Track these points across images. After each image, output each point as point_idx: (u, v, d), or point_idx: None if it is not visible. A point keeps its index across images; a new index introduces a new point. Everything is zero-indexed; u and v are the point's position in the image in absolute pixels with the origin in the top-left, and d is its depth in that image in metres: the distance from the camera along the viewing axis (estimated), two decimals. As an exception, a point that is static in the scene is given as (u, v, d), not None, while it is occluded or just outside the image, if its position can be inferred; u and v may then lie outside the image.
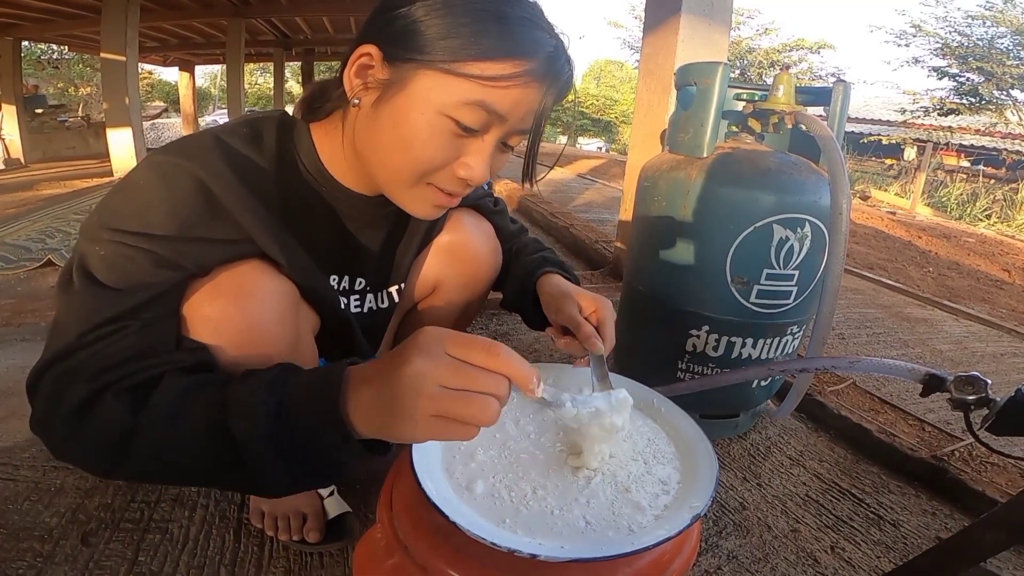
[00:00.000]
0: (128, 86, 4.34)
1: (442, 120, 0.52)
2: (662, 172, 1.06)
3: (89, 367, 0.47)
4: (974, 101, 10.99)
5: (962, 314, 2.45)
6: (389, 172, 0.57)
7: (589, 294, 0.72)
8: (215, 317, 0.53)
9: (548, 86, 0.54)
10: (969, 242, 5.08)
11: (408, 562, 0.49)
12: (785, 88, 0.98)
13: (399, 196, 0.60)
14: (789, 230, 0.92)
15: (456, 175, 0.56)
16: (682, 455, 0.57)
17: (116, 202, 0.52)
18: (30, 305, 1.56)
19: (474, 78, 0.50)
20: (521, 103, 0.53)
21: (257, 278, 0.56)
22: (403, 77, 0.52)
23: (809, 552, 0.88)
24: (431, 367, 0.39)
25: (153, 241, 0.50)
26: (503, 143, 0.57)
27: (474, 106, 0.51)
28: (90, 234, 0.51)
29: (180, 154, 0.53)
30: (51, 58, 12.57)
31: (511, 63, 0.51)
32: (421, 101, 0.52)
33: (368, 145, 0.57)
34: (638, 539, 0.44)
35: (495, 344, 0.41)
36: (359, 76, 0.55)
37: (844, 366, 0.68)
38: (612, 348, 0.67)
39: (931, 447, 1.12)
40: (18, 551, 0.73)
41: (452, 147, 0.54)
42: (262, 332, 0.55)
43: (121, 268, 0.49)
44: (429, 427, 0.40)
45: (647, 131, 1.93)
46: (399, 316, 0.91)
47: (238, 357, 0.54)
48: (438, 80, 0.51)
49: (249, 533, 0.80)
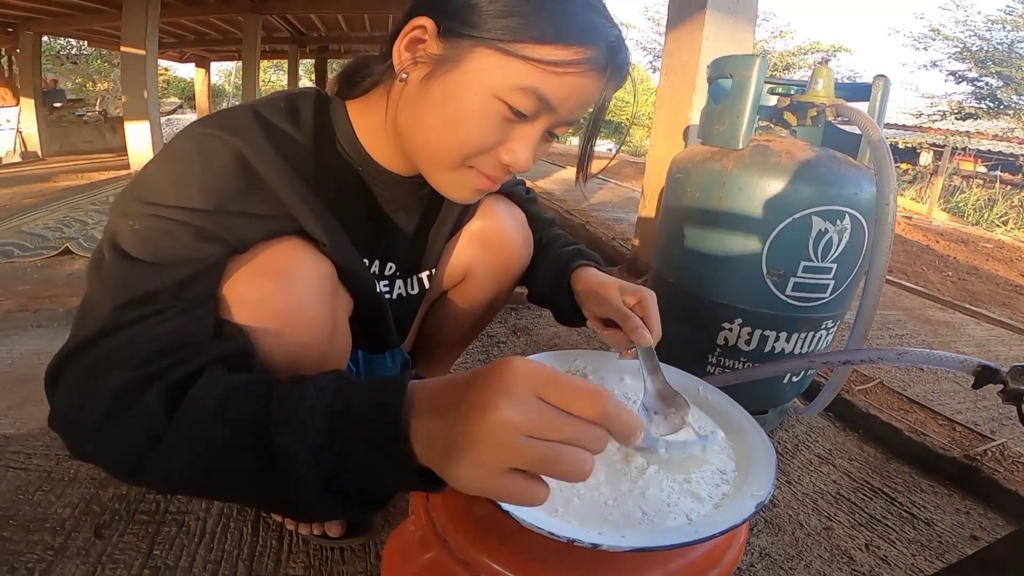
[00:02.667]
0: (147, 80, 4.37)
1: (494, 103, 0.50)
2: (696, 163, 1.04)
3: (129, 353, 0.43)
4: (992, 106, 10.87)
5: (984, 318, 2.41)
6: (432, 152, 0.55)
7: (631, 285, 0.69)
8: (253, 298, 0.50)
9: (608, 77, 0.52)
10: (987, 247, 5.02)
11: (447, 557, 0.47)
12: (825, 81, 0.96)
13: (439, 178, 0.58)
14: (828, 222, 0.89)
15: (500, 160, 0.55)
16: (735, 444, 0.55)
17: (152, 175, 0.49)
18: (47, 291, 1.56)
19: (532, 61, 0.49)
20: (575, 93, 0.52)
21: (298, 257, 0.54)
22: (458, 54, 0.50)
23: (843, 550, 0.86)
24: (520, 417, 0.32)
25: (192, 214, 0.47)
26: (549, 132, 0.56)
27: (528, 92, 0.50)
28: (123, 208, 0.48)
29: (219, 126, 0.51)
30: (70, 53, 12.70)
31: (571, 49, 0.49)
32: (475, 80, 0.50)
33: (413, 123, 0.55)
34: (701, 527, 0.42)
35: (600, 392, 0.34)
36: (409, 50, 0.52)
37: (891, 358, 0.66)
38: (659, 339, 0.65)
39: (963, 447, 1.10)
40: (28, 543, 0.71)
41: (500, 131, 0.53)
42: (302, 314, 0.53)
43: (157, 242, 0.46)
44: (505, 484, 0.33)
45: (669, 127, 1.92)
46: (427, 304, 0.88)
47: (278, 341, 0.51)
48: (494, 60, 0.49)
49: (268, 527, 0.78)
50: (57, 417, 0.44)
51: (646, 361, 0.61)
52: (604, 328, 0.69)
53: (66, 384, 0.44)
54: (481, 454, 0.33)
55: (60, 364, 0.44)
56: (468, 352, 1.41)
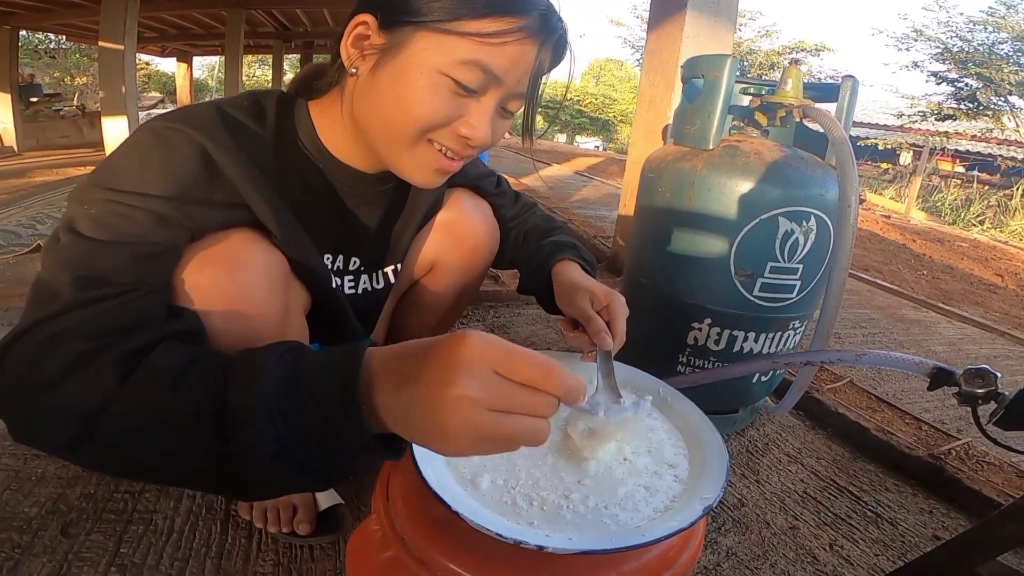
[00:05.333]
0: (125, 75, 4.31)
1: (441, 79, 0.53)
2: (667, 163, 1.05)
3: (84, 330, 0.43)
4: (972, 107, 11.05)
5: (956, 316, 2.46)
6: (389, 134, 0.57)
7: (602, 288, 0.71)
8: (204, 284, 0.51)
9: (542, 43, 0.55)
10: (963, 247, 5.12)
11: (405, 555, 0.47)
12: (794, 82, 0.97)
13: (399, 160, 0.59)
14: (794, 223, 0.91)
15: (458, 133, 0.56)
16: (691, 446, 0.56)
17: (111, 164, 0.50)
18: (18, 290, 1.53)
19: (470, 36, 0.51)
20: (518, 62, 0.54)
21: (247, 246, 0.55)
22: (400, 41, 0.53)
23: (808, 549, 0.87)
24: (479, 392, 0.35)
25: (150, 200, 0.48)
26: (503, 108, 0.58)
27: (471, 65, 0.52)
28: (81, 196, 0.49)
29: (181, 120, 0.52)
30: (48, 47, 12.45)
31: (505, 20, 0.52)
32: (419, 61, 0.52)
33: (368, 111, 0.57)
34: (648, 531, 0.42)
35: (551, 363, 0.37)
36: (355, 46, 0.55)
37: (850, 359, 0.67)
38: (622, 345, 0.66)
39: (928, 446, 1.12)
40: None
41: (452, 105, 0.55)
42: (252, 301, 0.54)
43: (115, 225, 0.47)
44: (471, 448, 0.36)
45: (649, 127, 1.93)
46: (396, 296, 0.90)
47: (227, 327, 0.52)
48: (435, 39, 0.52)
49: (237, 525, 0.78)
50: (3, 394, 0.44)
51: (602, 363, 0.62)
52: (571, 329, 0.71)
53: (16, 360, 0.43)
54: (448, 431, 0.35)
55: (12, 343, 0.44)
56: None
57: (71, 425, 0.41)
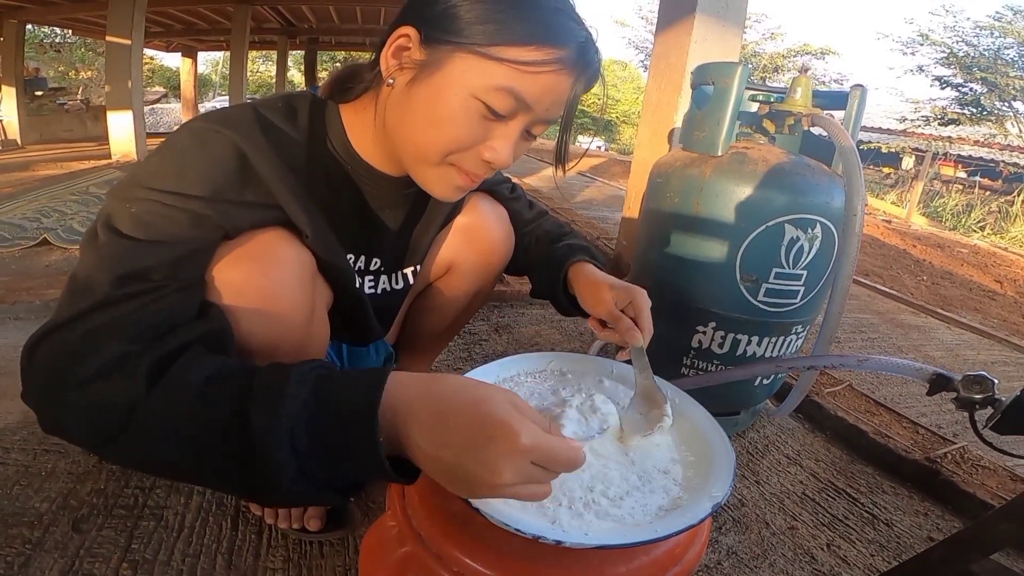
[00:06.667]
0: (132, 70, 4.30)
1: (473, 103, 0.54)
2: (675, 169, 1.06)
3: (122, 327, 0.44)
4: (975, 112, 11.02)
5: (954, 322, 2.48)
6: (417, 149, 0.58)
7: (623, 284, 0.72)
8: (239, 280, 0.53)
9: (578, 75, 0.56)
10: (962, 253, 5.13)
11: (422, 551, 0.48)
12: (803, 90, 0.98)
13: (422, 174, 0.61)
14: (800, 230, 0.92)
15: (481, 157, 0.58)
16: (698, 446, 0.57)
17: (152, 164, 0.52)
18: (25, 283, 1.54)
19: (508, 62, 0.52)
20: (549, 91, 0.55)
21: (280, 244, 0.57)
22: (439, 59, 0.54)
23: (806, 549, 0.89)
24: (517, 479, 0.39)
25: (189, 200, 0.50)
26: (527, 131, 0.59)
27: (504, 92, 0.53)
28: (121, 193, 0.50)
29: (221, 122, 0.54)
30: (53, 41, 12.42)
31: (543, 50, 0.52)
32: (455, 82, 0.53)
33: (399, 123, 0.58)
34: (661, 526, 0.44)
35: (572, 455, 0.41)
36: (395, 57, 0.56)
37: (852, 364, 0.69)
38: (651, 337, 0.68)
39: (924, 449, 1.14)
40: (7, 537, 0.71)
41: (480, 129, 0.56)
42: (282, 297, 0.56)
43: (154, 224, 0.49)
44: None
45: (654, 129, 1.93)
46: (411, 296, 0.92)
47: (257, 322, 0.54)
48: (473, 63, 0.53)
49: (247, 521, 0.79)
50: (34, 388, 0.44)
51: (637, 360, 0.65)
52: (601, 328, 0.73)
53: (52, 352, 0.44)
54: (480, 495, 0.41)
55: (46, 335, 0.45)
56: (450, 348, 1.42)
57: (102, 424, 0.42)
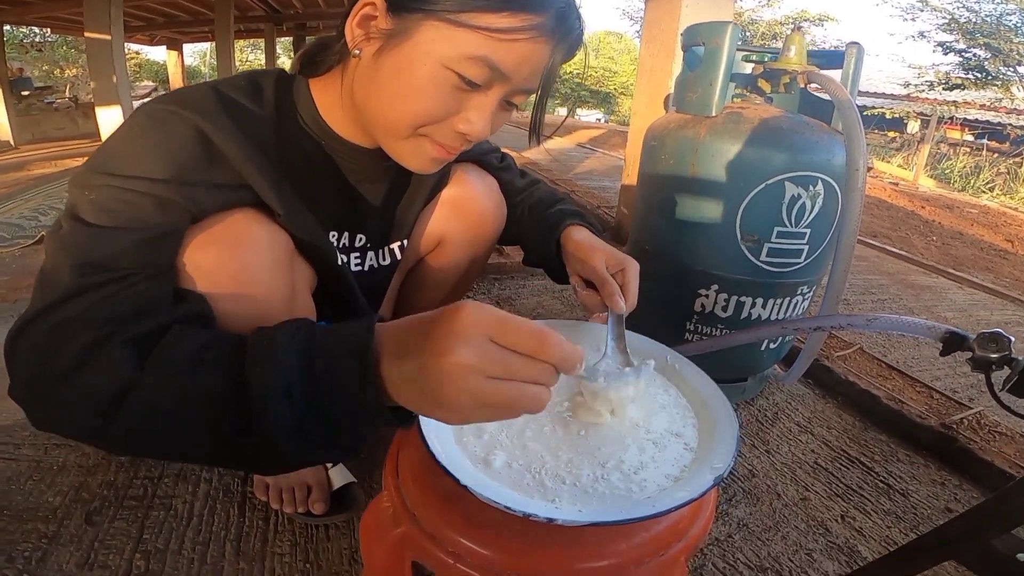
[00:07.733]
0: (115, 65, 4.25)
1: (444, 73, 0.51)
2: (670, 131, 1.03)
3: (93, 315, 0.43)
4: (980, 76, 10.82)
5: (966, 282, 2.44)
6: (386, 122, 0.56)
7: (616, 252, 0.70)
8: (208, 265, 0.51)
9: (557, 43, 0.53)
10: (972, 213, 5.06)
11: (416, 531, 0.47)
12: (797, 48, 0.95)
13: (395, 148, 0.59)
14: (801, 188, 0.89)
15: (455, 129, 0.55)
16: (700, 414, 0.55)
17: (110, 148, 0.49)
18: (26, 281, 1.53)
19: (480, 30, 0.49)
20: (527, 60, 0.52)
21: (250, 226, 0.55)
22: (407, 28, 0.51)
23: (820, 521, 0.87)
24: (475, 360, 0.35)
25: (151, 183, 0.48)
26: (507, 101, 0.56)
27: (478, 61, 0.50)
28: (81, 182, 0.48)
29: (178, 103, 0.51)
30: (34, 41, 12.31)
31: (519, 16, 0.49)
32: (424, 52, 0.50)
33: (367, 96, 0.56)
34: (659, 501, 0.42)
35: (545, 332, 0.37)
36: (361, 27, 0.53)
37: (860, 324, 0.66)
38: (634, 308, 0.66)
39: (939, 415, 1.11)
40: (23, 532, 0.72)
41: (452, 100, 0.53)
42: (256, 280, 0.54)
43: (116, 211, 0.47)
44: (473, 414, 0.37)
45: (650, 96, 1.91)
46: (402, 273, 0.90)
47: (234, 306, 0.52)
48: (443, 31, 0.50)
49: (254, 507, 0.79)
50: (19, 384, 0.44)
51: (614, 327, 0.62)
52: (584, 288, 0.70)
53: (29, 349, 0.43)
54: (447, 395, 0.36)
55: (21, 331, 0.44)
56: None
57: (91, 413, 0.41)
